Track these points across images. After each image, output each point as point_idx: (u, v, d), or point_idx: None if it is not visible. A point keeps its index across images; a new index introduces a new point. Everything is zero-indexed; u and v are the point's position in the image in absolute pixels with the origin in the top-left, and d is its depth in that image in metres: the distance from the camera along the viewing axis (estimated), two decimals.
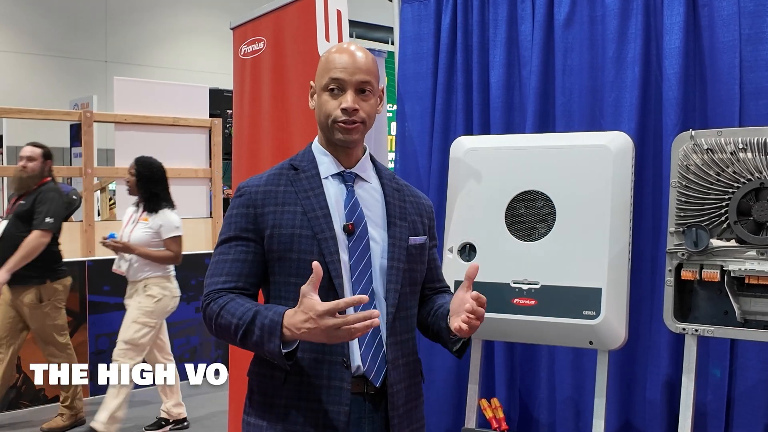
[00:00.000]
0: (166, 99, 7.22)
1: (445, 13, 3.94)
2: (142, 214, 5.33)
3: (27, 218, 5.22)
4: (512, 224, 3.04)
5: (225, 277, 2.04)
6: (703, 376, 3.15)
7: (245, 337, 1.93)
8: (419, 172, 4.05)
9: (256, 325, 1.90)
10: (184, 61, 16.62)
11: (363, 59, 2.09)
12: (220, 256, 2.08)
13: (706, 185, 2.65)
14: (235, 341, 1.97)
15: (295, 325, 1.82)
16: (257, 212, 2.06)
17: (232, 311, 1.95)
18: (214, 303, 2.00)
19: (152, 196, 5.31)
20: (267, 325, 1.88)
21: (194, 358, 6.60)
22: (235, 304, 1.97)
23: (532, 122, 3.61)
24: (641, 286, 3.27)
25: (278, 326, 1.85)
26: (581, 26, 3.54)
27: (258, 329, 1.89)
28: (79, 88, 13.76)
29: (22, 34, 15.89)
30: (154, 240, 5.22)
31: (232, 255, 2.06)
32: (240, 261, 2.05)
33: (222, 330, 1.99)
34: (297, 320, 1.83)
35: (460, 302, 1.98)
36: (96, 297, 6.22)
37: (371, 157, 2.24)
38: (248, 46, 4.12)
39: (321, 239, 2.02)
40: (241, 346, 1.98)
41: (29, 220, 5.21)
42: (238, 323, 1.92)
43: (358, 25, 12.68)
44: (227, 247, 2.08)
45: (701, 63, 3.21)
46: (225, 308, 1.97)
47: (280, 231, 2.04)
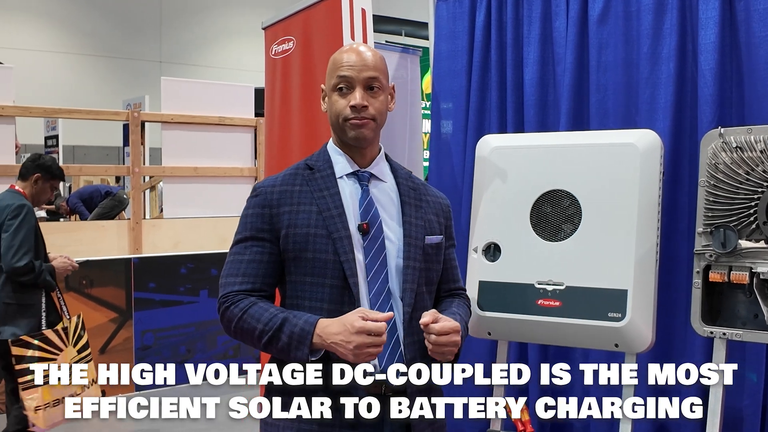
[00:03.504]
0: (212, 98, 7.28)
1: (479, 11, 3.91)
2: None
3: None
4: (537, 224, 2.99)
5: (241, 277, 2.03)
6: (739, 380, 3.07)
7: (270, 343, 1.93)
8: (453, 171, 4.03)
9: (284, 332, 1.90)
10: (236, 60, 16.80)
11: (370, 56, 2.09)
12: (235, 256, 2.07)
13: (735, 184, 2.58)
14: (256, 345, 1.98)
15: (328, 335, 1.85)
16: (273, 212, 2.06)
17: (257, 316, 1.95)
18: (234, 306, 1.99)
19: None
20: (297, 333, 1.88)
21: (238, 355, 6.67)
22: (259, 309, 1.97)
23: (566, 120, 3.56)
24: (677, 288, 3.20)
25: (309, 336, 1.87)
26: (616, 22, 3.49)
27: (286, 336, 1.90)
28: (135, 88, 14.01)
29: (81, 36, 16.26)
30: None
31: (248, 255, 2.05)
32: (256, 262, 2.05)
33: (243, 333, 1.99)
34: (331, 330, 1.85)
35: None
36: (141, 294, 6.31)
37: (387, 157, 2.22)
38: (279, 46, 4.14)
39: (336, 239, 2.01)
40: (262, 350, 1.99)
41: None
42: (264, 329, 1.93)
43: (406, 24, 12.68)
44: (243, 247, 2.07)
45: (738, 58, 3.14)
46: (248, 312, 1.97)
47: (296, 231, 2.03)
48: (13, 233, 4.15)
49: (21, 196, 4.34)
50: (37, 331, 4.18)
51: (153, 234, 6.82)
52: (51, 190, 4.55)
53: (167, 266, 6.49)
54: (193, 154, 7.09)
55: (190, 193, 7.09)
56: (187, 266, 6.60)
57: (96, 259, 5.99)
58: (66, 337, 4.29)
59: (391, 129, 4.37)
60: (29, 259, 4.15)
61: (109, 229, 6.76)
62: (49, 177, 4.44)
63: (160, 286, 6.40)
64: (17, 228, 4.16)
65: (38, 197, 4.48)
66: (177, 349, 6.46)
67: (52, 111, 7.37)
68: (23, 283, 4.20)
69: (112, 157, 14.40)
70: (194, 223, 6.99)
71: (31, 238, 4.21)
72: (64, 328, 4.26)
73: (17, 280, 4.18)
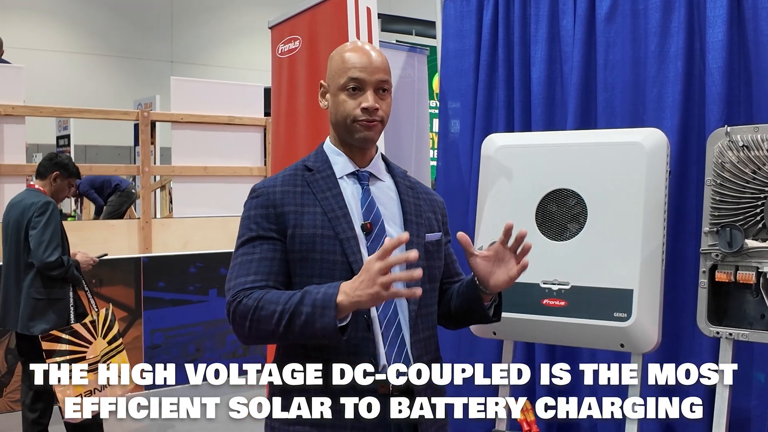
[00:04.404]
0: (222, 98, 7.29)
1: (486, 9, 3.90)
2: None
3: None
4: (543, 223, 2.98)
5: (253, 276, 1.98)
6: (746, 380, 3.05)
7: (290, 322, 1.86)
8: (461, 170, 4.02)
9: (305, 304, 1.85)
10: (247, 60, 16.81)
11: (379, 58, 2.08)
12: (244, 257, 2.02)
13: (742, 184, 2.56)
14: (275, 332, 1.91)
15: (351, 285, 1.81)
16: (277, 211, 2.04)
17: (274, 300, 1.90)
18: (247, 299, 1.93)
19: None
20: (320, 299, 1.83)
21: (247, 354, 6.67)
22: (275, 293, 1.92)
23: (573, 119, 3.55)
24: (685, 289, 3.18)
25: (334, 297, 1.82)
26: (623, 20, 3.47)
27: (308, 307, 1.84)
28: (147, 88, 14.07)
29: (92, 35, 16.33)
30: None
31: (258, 254, 2.01)
32: (268, 260, 2.01)
33: (260, 322, 1.91)
34: (352, 282, 1.82)
35: (484, 264, 2.02)
36: (151, 293, 6.33)
37: (383, 156, 2.22)
38: (285, 45, 4.14)
39: (343, 239, 2.00)
40: (280, 337, 1.92)
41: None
42: (284, 309, 1.87)
43: (417, 23, 12.64)
44: (251, 247, 2.02)
45: (746, 57, 3.12)
46: (264, 299, 1.91)
47: (302, 231, 2.01)
48: (42, 229, 4.21)
49: (43, 194, 4.40)
50: (66, 326, 4.23)
51: (163, 233, 6.85)
52: (69, 187, 4.62)
53: (177, 265, 6.50)
54: (202, 154, 7.11)
55: (199, 192, 7.11)
56: (197, 265, 6.61)
57: (106, 258, 6.01)
58: (95, 329, 4.33)
59: (397, 128, 4.37)
60: (59, 254, 4.22)
61: (119, 229, 6.79)
62: (66, 174, 4.50)
63: (169, 285, 6.42)
64: (45, 224, 4.23)
65: (57, 195, 4.53)
66: (186, 348, 6.48)
67: (62, 111, 7.40)
68: (52, 278, 4.26)
69: (124, 156, 14.45)
70: (204, 223, 7.01)
71: (58, 233, 4.28)
72: (92, 321, 4.31)
73: (46, 276, 4.24)
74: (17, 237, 4.34)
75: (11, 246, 4.41)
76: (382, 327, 1.98)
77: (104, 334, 4.40)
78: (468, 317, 2.20)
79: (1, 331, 5.54)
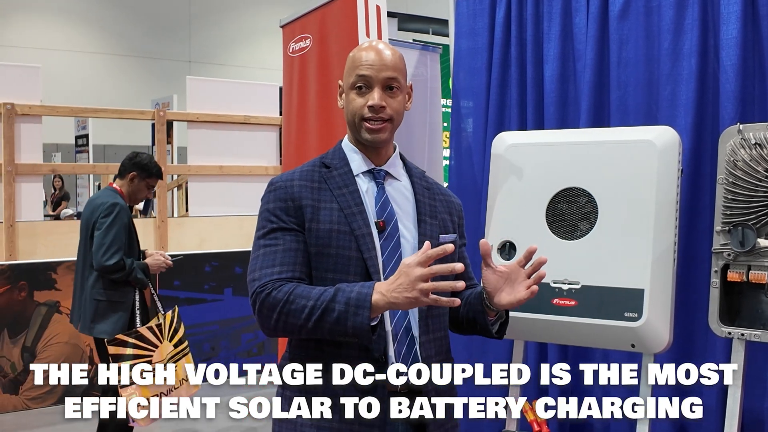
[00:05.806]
0: (237, 97, 7.32)
1: (499, 7, 3.89)
2: None
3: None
4: (553, 222, 2.96)
5: (279, 267, 1.96)
6: (760, 382, 3.01)
7: (321, 318, 1.86)
8: (473, 169, 4.00)
9: (338, 301, 1.85)
10: (263, 59, 16.84)
11: (389, 56, 2.07)
12: (267, 248, 2.00)
13: (754, 182, 2.53)
14: (303, 327, 1.90)
15: (387, 286, 1.81)
16: (296, 204, 2.03)
17: (305, 295, 1.89)
18: (277, 291, 1.91)
19: None
20: (354, 297, 1.83)
21: (262, 353, 6.69)
22: (306, 288, 1.91)
23: (586, 117, 3.53)
24: (697, 289, 3.15)
25: (369, 296, 1.82)
26: (636, 17, 3.45)
27: (342, 305, 1.84)
28: (165, 87, 14.14)
29: (110, 36, 16.44)
30: None
31: (282, 245, 1.99)
32: (292, 250, 1.99)
33: (289, 316, 1.90)
34: (389, 282, 1.82)
35: (495, 279, 1.98)
36: (166, 291, 6.35)
37: (401, 156, 2.21)
38: (296, 44, 4.15)
39: (359, 236, 2.00)
40: (306, 333, 1.91)
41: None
42: (315, 304, 1.86)
43: (434, 22, 12.61)
44: (273, 238, 2.00)
45: (760, 54, 3.08)
46: (294, 293, 1.90)
47: (318, 226, 2.01)
48: (105, 231, 4.18)
49: (117, 194, 4.37)
50: (129, 329, 4.21)
51: (178, 232, 6.87)
52: (147, 188, 4.54)
53: (192, 264, 6.51)
54: (218, 153, 7.14)
55: (215, 191, 7.14)
56: (212, 264, 6.63)
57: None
58: (160, 333, 4.30)
59: (410, 127, 4.36)
60: (119, 257, 4.18)
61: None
62: (145, 175, 4.43)
63: (184, 283, 6.44)
64: (109, 226, 4.19)
65: (134, 195, 4.48)
66: (201, 346, 6.49)
67: (79, 110, 7.46)
68: (115, 281, 4.23)
69: None
70: (219, 222, 7.03)
71: (121, 236, 4.23)
72: (158, 325, 4.28)
73: (108, 278, 4.22)
74: (86, 236, 4.33)
75: (81, 245, 4.41)
76: (392, 325, 1.98)
77: (170, 337, 4.36)
78: (472, 328, 2.19)
79: (14, 330, 5.60)
